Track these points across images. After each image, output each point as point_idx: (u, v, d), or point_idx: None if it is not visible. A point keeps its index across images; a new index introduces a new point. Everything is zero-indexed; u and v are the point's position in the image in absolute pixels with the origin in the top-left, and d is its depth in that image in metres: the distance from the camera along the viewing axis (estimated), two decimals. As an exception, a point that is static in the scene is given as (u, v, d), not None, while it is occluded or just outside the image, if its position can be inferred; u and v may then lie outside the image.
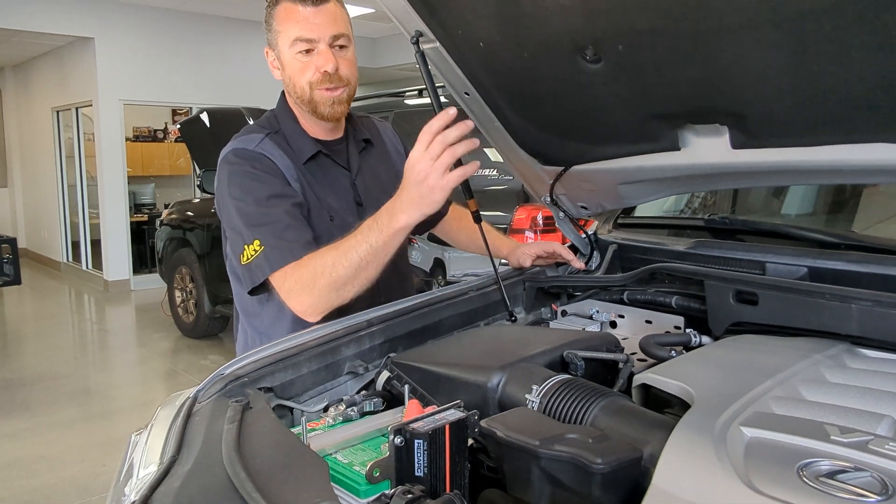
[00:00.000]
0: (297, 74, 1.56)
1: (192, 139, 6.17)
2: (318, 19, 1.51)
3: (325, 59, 1.53)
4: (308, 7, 1.51)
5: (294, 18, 1.52)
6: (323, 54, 1.53)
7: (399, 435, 0.89)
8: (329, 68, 1.53)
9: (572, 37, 1.27)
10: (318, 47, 1.53)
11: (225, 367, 1.25)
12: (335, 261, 1.37)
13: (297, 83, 1.57)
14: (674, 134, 1.41)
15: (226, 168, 1.56)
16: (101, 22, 8.50)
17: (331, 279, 1.37)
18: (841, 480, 0.76)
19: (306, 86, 1.56)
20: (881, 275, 1.33)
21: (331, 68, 1.53)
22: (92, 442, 4.23)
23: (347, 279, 1.37)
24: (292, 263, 1.43)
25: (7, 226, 11.38)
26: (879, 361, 1.16)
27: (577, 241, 1.93)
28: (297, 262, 1.42)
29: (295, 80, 1.57)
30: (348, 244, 1.37)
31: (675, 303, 1.56)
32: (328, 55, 1.53)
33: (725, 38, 1.11)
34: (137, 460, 1.08)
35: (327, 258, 1.38)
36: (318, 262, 1.40)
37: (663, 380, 1.06)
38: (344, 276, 1.37)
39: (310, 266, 1.40)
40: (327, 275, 1.37)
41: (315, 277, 1.39)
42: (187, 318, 6.58)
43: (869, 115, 1.12)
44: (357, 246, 1.35)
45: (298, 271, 1.42)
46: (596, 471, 0.84)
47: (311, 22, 1.51)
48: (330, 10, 1.53)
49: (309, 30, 1.52)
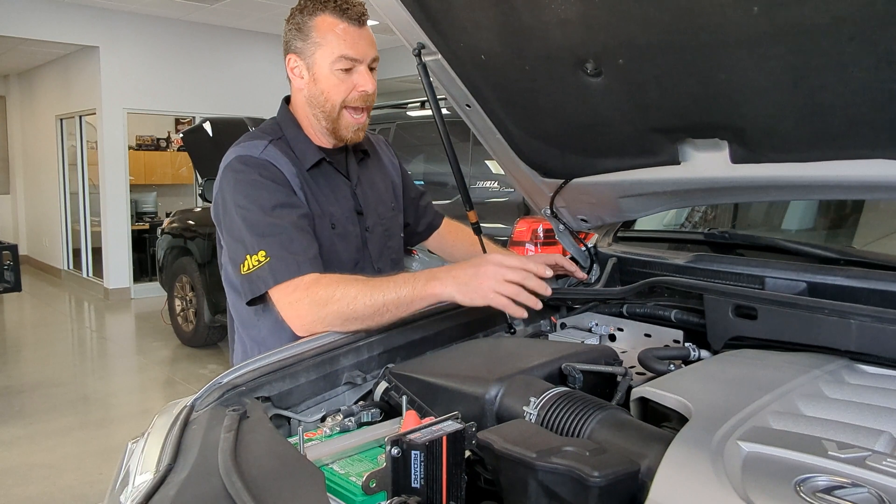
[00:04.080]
0: (333, 90, 1.56)
1: (195, 148, 6.18)
2: (363, 40, 1.54)
3: (366, 81, 1.55)
4: (354, 26, 1.53)
5: (341, 35, 1.52)
6: (363, 75, 1.55)
7: (396, 446, 0.88)
8: (369, 89, 1.56)
9: (573, 50, 1.27)
10: (358, 67, 1.55)
11: (222, 376, 1.24)
12: (358, 294, 1.35)
13: (329, 99, 1.57)
14: (674, 148, 1.41)
15: (230, 175, 1.54)
16: (105, 31, 8.55)
17: (345, 309, 1.36)
18: (838, 496, 0.75)
19: (338, 104, 1.57)
20: (880, 291, 1.33)
21: (370, 89, 1.56)
22: (89, 450, 4.21)
23: (360, 316, 1.36)
24: (311, 276, 1.41)
25: (9, 233, 11.39)
26: (878, 377, 1.16)
27: (577, 253, 1.93)
28: (317, 278, 1.41)
29: (328, 95, 1.57)
30: (377, 284, 1.36)
31: (675, 316, 1.56)
32: (369, 77, 1.56)
33: (725, 53, 1.12)
34: (133, 468, 1.07)
35: (351, 289, 1.37)
36: (340, 288, 1.38)
37: (661, 393, 1.06)
38: (360, 312, 1.36)
39: (330, 288, 1.38)
40: (344, 304, 1.36)
41: (329, 301, 1.37)
42: (187, 326, 6.57)
43: (868, 131, 1.13)
44: (386, 290, 1.34)
45: (315, 287, 1.39)
46: (593, 484, 0.84)
47: (357, 41, 1.53)
48: (370, 32, 1.57)
49: (356, 49, 1.53)
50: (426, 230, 1.96)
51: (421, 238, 1.98)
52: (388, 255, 1.71)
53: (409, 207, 1.89)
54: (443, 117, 1.62)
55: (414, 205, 1.91)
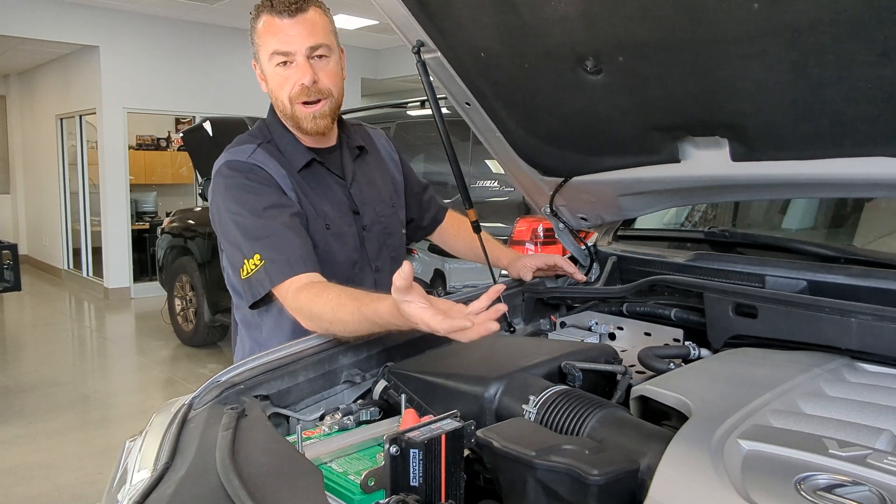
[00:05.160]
0: (278, 88, 1.54)
1: (195, 148, 6.17)
2: (294, 31, 1.49)
3: (302, 72, 1.50)
4: (285, 19, 1.48)
5: (272, 31, 1.50)
6: (300, 67, 1.50)
7: (394, 444, 0.88)
8: (306, 81, 1.50)
9: (573, 48, 1.27)
10: (295, 59, 1.50)
11: (221, 375, 1.24)
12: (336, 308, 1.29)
13: (278, 97, 1.55)
14: (674, 146, 1.41)
15: (220, 181, 1.54)
16: (106, 31, 8.54)
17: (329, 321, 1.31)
18: (839, 494, 0.75)
19: (287, 100, 1.54)
20: (881, 289, 1.33)
21: (307, 81, 1.50)
22: (89, 450, 4.21)
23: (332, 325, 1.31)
24: (308, 288, 1.37)
25: (9, 232, 11.38)
26: (879, 376, 1.16)
27: (577, 252, 1.93)
28: (315, 292, 1.35)
29: (276, 93, 1.55)
30: (359, 301, 1.27)
31: (675, 315, 1.56)
32: (305, 68, 1.50)
33: (726, 51, 1.11)
34: (131, 466, 1.07)
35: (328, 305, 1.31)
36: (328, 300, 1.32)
37: (661, 392, 1.06)
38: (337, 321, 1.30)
39: (322, 299, 1.33)
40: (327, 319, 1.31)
41: (322, 316, 1.32)
42: (187, 326, 6.56)
43: (869, 128, 1.12)
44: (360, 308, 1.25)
45: (314, 301, 1.34)
46: (592, 482, 0.83)
47: (287, 34, 1.49)
48: (308, 20, 1.50)
49: (286, 42, 1.49)
50: (431, 224, 1.95)
51: (426, 232, 1.96)
52: (388, 253, 1.70)
53: (412, 202, 1.87)
54: (442, 116, 1.62)
55: (417, 199, 1.89)
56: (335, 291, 1.34)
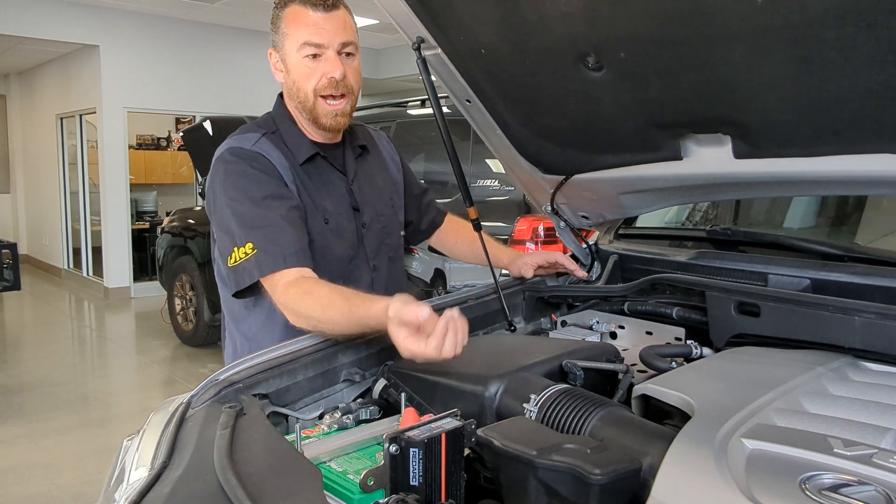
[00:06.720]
0: (303, 79, 1.54)
1: (195, 147, 6.16)
2: (328, 25, 1.50)
3: (333, 66, 1.52)
4: (319, 12, 1.50)
5: (304, 22, 1.51)
6: (331, 61, 1.52)
7: (394, 443, 0.87)
8: (337, 75, 1.52)
9: (574, 44, 1.26)
10: (326, 53, 1.51)
11: (219, 373, 1.23)
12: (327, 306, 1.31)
13: (301, 88, 1.55)
14: (676, 143, 1.40)
15: (221, 167, 1.53)
16: (106, 30, 8.54)
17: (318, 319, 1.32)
18: (844, 494, 0.74)
19: (311, 92, 1.54)
20: (885, 287, 1.32)
21: (338, 75, 1.52)
22: (88, 449, 4.20)
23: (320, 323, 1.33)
24: (298, 283, 1.37)
25: (9, 232, 11.37)
26: (883, 375, 1.15)
27: (578, 251, 1.92)
28: (306, 289, 1.35)
29: (300, 84, 1.55)
30: (350, 302, 1.28)
31: (676, 314, 1.55)
32: (336, 62, 1.52)
33: (728, 47, 1.10)
34: (129, 465, 1.06)
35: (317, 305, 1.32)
36: (318, 297, 1.33)
37: (663, 390, 1.05)
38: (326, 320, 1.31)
39: (313, 296, 1.34)
40: (315, 317, 1.33)
41: (310, 313, 1.33)
42: (187, 326, 6.56)
43: (873, 125, 1.11)
44: (352, 309, 1.27)
45: (303, 297, 1.35)
46: (594, 482, 0.82)
47: (321, 27, 1.50)
48: (340, 17, 1.53)
49: (319, 35, 1.50)
50: (429, 228, 1.95)
51: (424, 236, 1.96)
52: (386, 252, 1.70)
53: (411, 205, 1.87)
54: (443, 113, 1.61)
55: (417, 202, 1.89)
56: (326, 289, 1.34)
